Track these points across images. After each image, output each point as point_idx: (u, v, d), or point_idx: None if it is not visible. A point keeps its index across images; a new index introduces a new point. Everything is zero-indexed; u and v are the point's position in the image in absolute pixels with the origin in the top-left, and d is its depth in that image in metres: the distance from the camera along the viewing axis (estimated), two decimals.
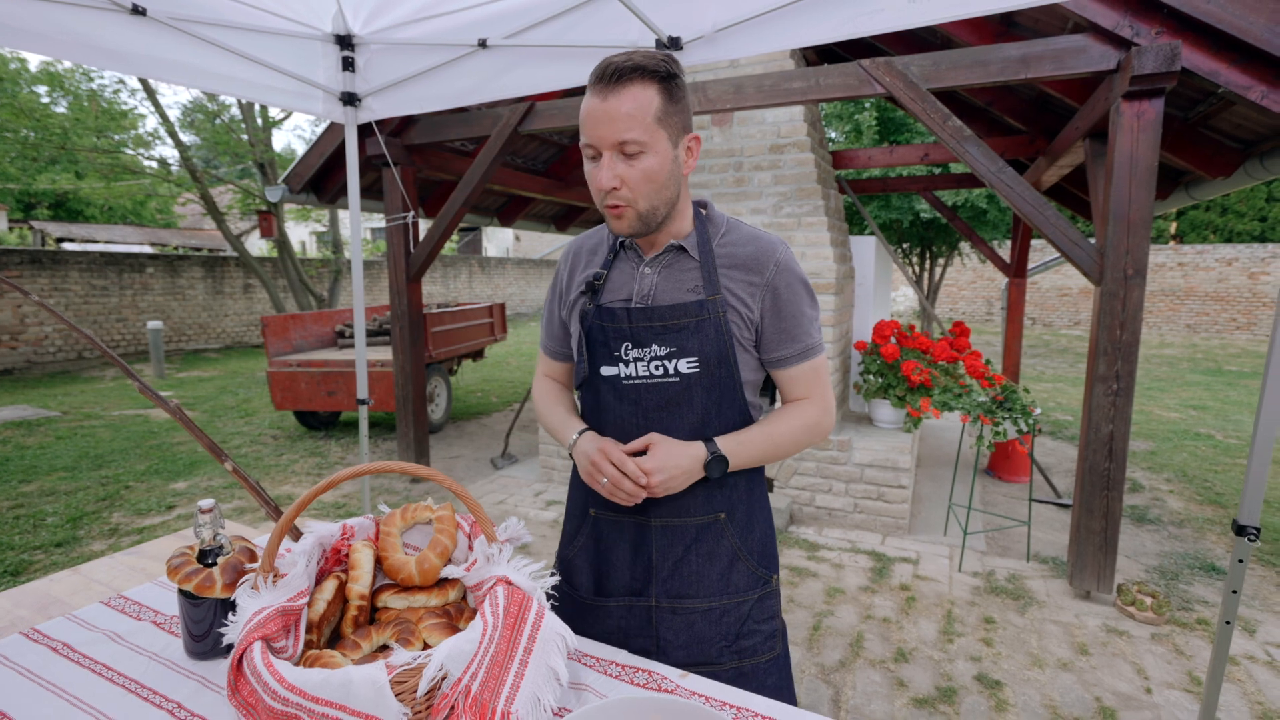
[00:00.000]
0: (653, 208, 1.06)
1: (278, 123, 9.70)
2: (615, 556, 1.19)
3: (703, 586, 1.17)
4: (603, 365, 1.15)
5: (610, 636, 1.18)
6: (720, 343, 1.10)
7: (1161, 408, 7.20)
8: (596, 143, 1.01)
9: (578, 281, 1.21)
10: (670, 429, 1.13)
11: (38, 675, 1.07)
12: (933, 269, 10.28)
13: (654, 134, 1.00)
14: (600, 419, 1.18)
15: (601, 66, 1.00)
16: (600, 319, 1.14)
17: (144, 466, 4.85)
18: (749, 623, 1.19)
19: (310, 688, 0.72)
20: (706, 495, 1.15)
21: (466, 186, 4.09)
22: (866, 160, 5.57)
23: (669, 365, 1.11)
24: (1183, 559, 3.41)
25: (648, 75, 0.99)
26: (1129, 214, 2.72)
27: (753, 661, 1.19)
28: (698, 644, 1.17)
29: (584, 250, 1.24)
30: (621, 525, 1.19)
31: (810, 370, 1.16)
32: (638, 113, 0.99)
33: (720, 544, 1.17)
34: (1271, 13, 2.33)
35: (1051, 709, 2.25)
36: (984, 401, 3.32)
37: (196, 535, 1.14)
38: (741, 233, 1.16)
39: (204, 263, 11.78)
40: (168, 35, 2.14)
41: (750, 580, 1.20)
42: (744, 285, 1.11)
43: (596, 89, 1.01)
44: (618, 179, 1.01)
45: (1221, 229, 15.67)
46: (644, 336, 1.11)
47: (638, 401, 1.13)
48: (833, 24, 1.81)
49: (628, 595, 1.19)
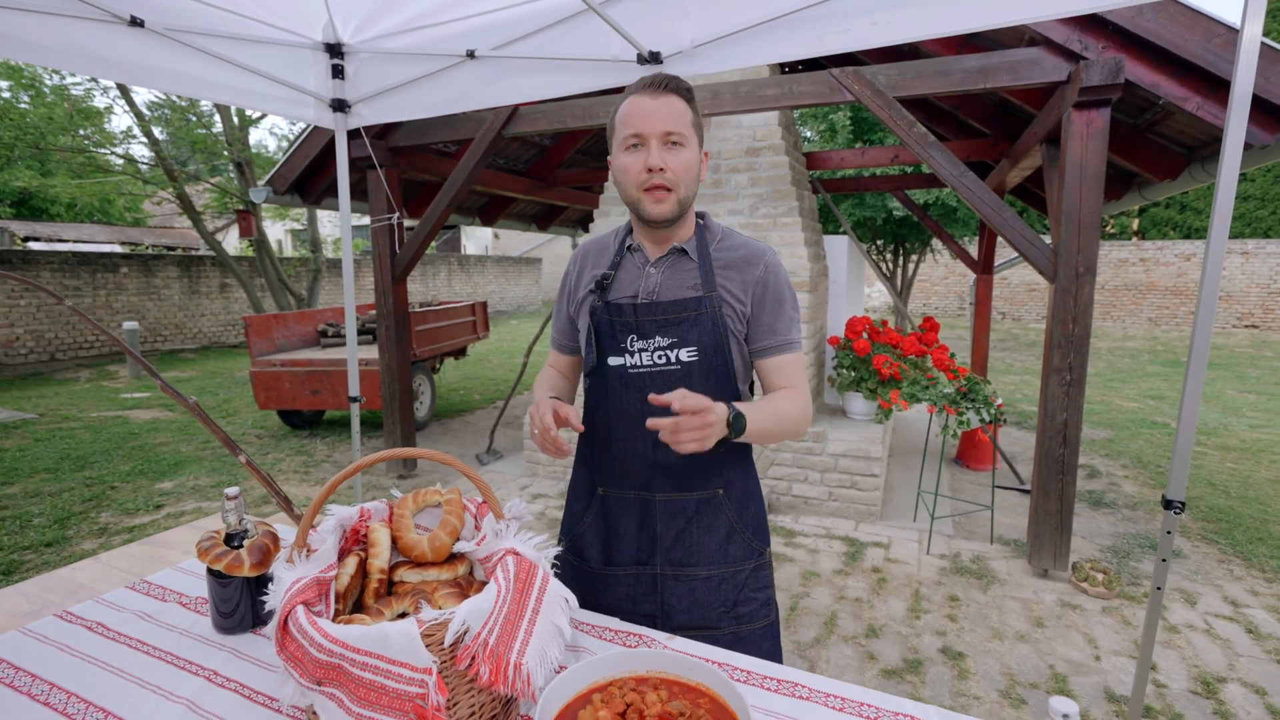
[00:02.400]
0: (688, 196, 1.21)
1: (254, 121, 9.64)
2: (622, 529, 1.32)
3: (703, 556, 1.29)
4: (610, 356, 1.27)
5: (619, 603, 1.31)
6: (716, 334, 1.23)
7: (1122, 398, 7.51)
8: (645, 131, 1.16)
9: (586, 280, 1.34)
10: (671, 413, 1.26)
11: (78, 650, 1.16)
12: (905, 265, 10.54)
13: (690, 134, 1.19)
14: (608, 404, 1.30)
15: (648, 78, 1.19)
16: (609, 314, 1.27)
17: (128, 467, 4.86)
18: (745, 590, 1.32)
19: (352, 640, 0.84)
20: (706, 473, 1.28)
21: (451, 188, 4.17)
22: (839, 161, 5.75)
23: (671, 354, 1.24)
24: (1134, 539, 3.63)
25: (683, 93, 1.20)
26: (1079, 216, 2.90)
27: (749, 627, 1.32)
28: (699, 609, 1.30)
29: (592, 252, 1.37)
30: (628, 501, 1.31)
31: (791, 362, 1.28)
32: (681, 115, 1.18)
33: (718, 517, 1.30)
34: (1204, 31, 2.52)
35: (1009, 676, 2.43)
36: (949, 393, 3.50)
37: (224, 520, 1.25)
38: (735, 239, 1.31)
39: (179, 262, 11.64)
40: (165, 46, 2.21)
41: (745, 551, 1.33)
42: (737, 283, 1.25)
43: (646, 91, 1.18)
44: (664, 162, 1.16)
45: (1181, 225, 16.23)
46: (648, 329, 1.24)
47: (642, 388, 1.25)
48: (803, 41, 1.95)
49: (634, 564, 1.31)
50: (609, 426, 1.31)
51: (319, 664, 0.85)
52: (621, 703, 0.94)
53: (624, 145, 1.19)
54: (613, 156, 1.25)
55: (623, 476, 1.31)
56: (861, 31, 1.87)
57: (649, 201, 1.19)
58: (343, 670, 0.84)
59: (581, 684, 0.98)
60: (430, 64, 2.58)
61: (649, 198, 1.18)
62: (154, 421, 6.37)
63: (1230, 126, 1.51)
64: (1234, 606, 2.92)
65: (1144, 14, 2.61)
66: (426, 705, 0.84)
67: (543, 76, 2.41)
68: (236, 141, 9.14)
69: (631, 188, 1.20)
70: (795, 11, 1.89)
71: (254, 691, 1.06)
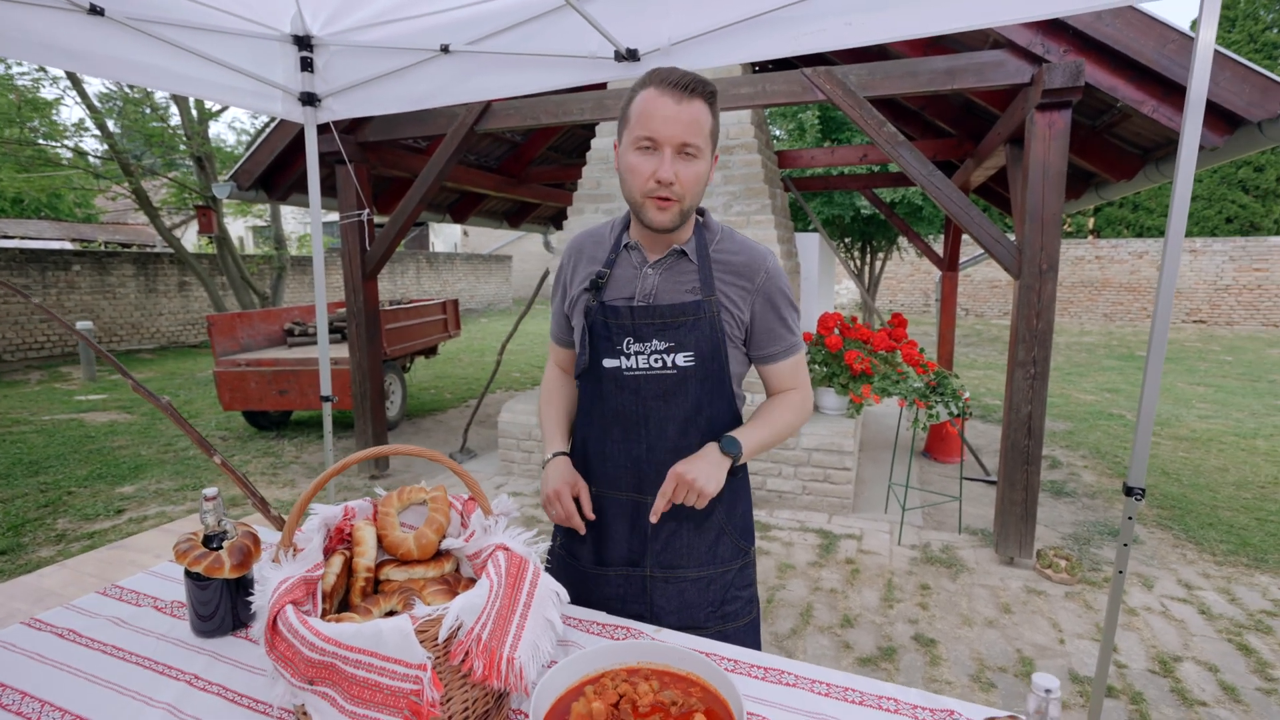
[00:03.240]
0: (691, 208, 1.18)
1: (214, 114, 9.35)
2: (614, 530, 1.31)
3: (692, 558, 1.30)
4: (605, 358, 1.25)
5: (609, 603, 1.31)
6: (714, 339, 1.22)
7: (1080, 391, 7.77)
8: (662, 139, 1.10)
9: (581, 276, 1.31)
10: (666, 416, 1.26)
11: (50, 658, 1.13)
12: (873, 263, 10.73)
13: (706, 145, 1.15)
14: (602, 406, 1.29)
15: (675, 75, 1.11)
16: (604, 315, 1.24)
17: (85, 472, 4.69)
18: (731, 589, 1.33)
19: (345, 638, 0.83)
20: None
21: (423, 184, 4.12)
22: (809, 160, 5.82)
23: (667, 359, 1.22)
24: (1094, 526, 3.77)
25: (708, 97, 1.14)
26: (1042, 214, 3.00)
27: (734, 625, 1.33)
28: (687, 609, 1.30)
29: (585, 247, 1.33)
30: (620, 503, 1.31)
31: (793, 364, 1.30)
32: (701, 123, 1.12)
33: (709, 520, 1.30)
34: (1159, 37, 2.63)
35: (979, 661, 2.50)
36: (919, 387, 3.59)
37: (201, 521, 1.22)
38: (735, 241, 1.28)
39: (135, 259, 11.25)
40: (127, 36, 2.14)
41: (733, 552, 1.34)
42: (736, 290, 1.24)
43: (669, 92, 1.10)
44: (675, 175, 1.12)
45: (1134, 224, 16.82)
46: (645, 332, 1.22)
47: (637, 391, 1.25)
48: (780, 40, 1.97)
49: (625, 565, 1.31)
50: (603, 428, 1.30)
51: (311, 663, 0.84)
52: (614, 694, 0.95)
53: (636, 144, 1.13)
54: (620, 147, 1.20)
55: (616, 478, 1.31)
56: (837, 32, 1.90)
57: (652, 208, 1.15)
58: (335, 669, 0.84)
59: (573, 677, 0.99)
60: (403, 58, 2.54)
61: (653, 204, 1.15)
62: (111, 424, 6.16)
63: (1187, 128, 1.57)
64: (1188, 589, 3.05)
65: (1103, 19, 2.70)
66: (421, 701, 0.83)
67: (519, 72, 2.40)
68: (196, 135, 8.86)
69: (636, 191, 1.16)
70: (772, 11, 1.92)
71: (237, 694, 1.04)
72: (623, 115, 1.19)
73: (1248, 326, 14.21)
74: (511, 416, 4.73)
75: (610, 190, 4.55)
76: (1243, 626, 2.74)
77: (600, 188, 4.57)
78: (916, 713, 1.00)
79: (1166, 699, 2.29)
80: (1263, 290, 14.12)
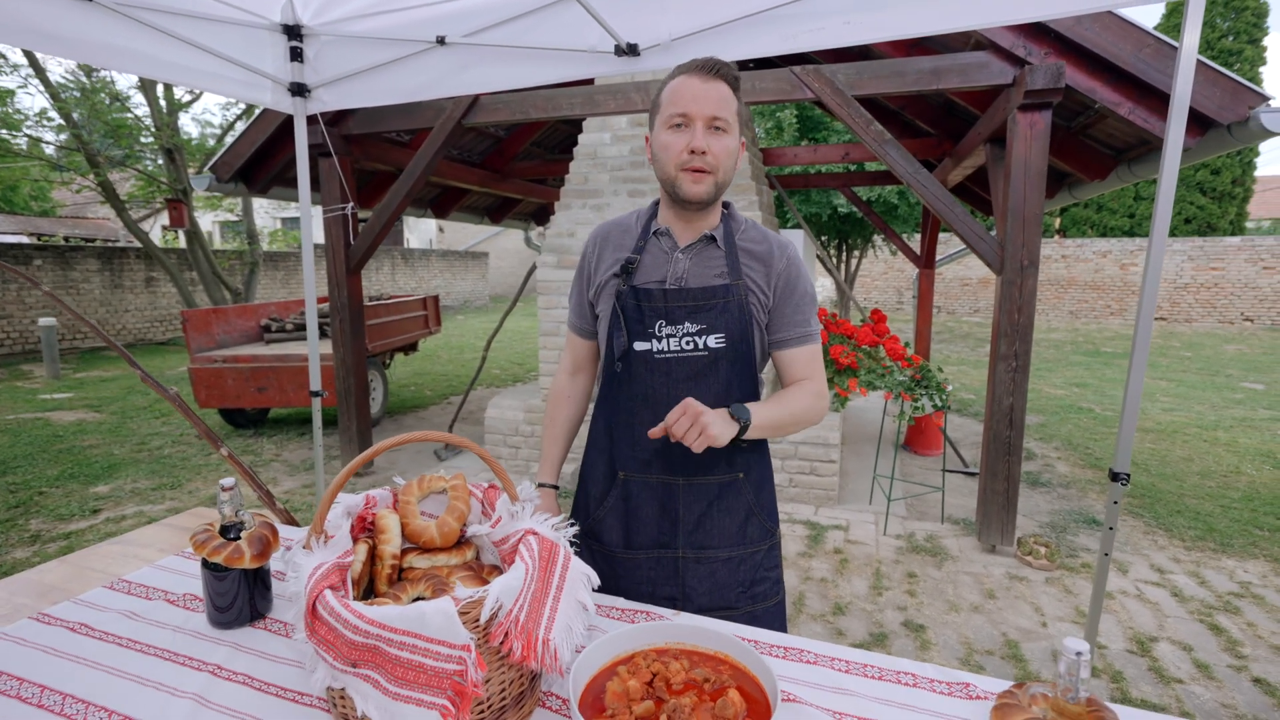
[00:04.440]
0: (725, 181, 1.23)
1: (185, 105, 9.11)
2: (644, 513, 1.32)
3: (723, 538, 1.32)
4: (636, 341, 1.28)
5: (639, 586, 1.33)
6: (743, 321, 1.26)
7: (1050, 385, 7.99)
8: (693, 113, 1.17)
9: (608, 263, 1.33)
10: (697, 397, 1.26)
11: (65, 652, 1.11)
12: (849, 261, 10.89)
13: (733, 121, 1.21)
14: (631, 388, 1.30)
15: (701, 60, 1.20)
16: (636, 298, 1.27)
17: (56, 472, 4.56)
18: (760, 570, 1.36)
19: (389, 620, 0.84)
20: (728, 458, 1.30)
21: (409, 178, 4.08)
22: (792, 158, 5.89)
23: (699, 340, 1.25)
24: (1069, 514, 3.89)
25: (731, 80, 1.21)
26: (1024, 211, 3.09)
27: (763, 605, 1.36)
28: (718, 590, 1.32)
29: (612, 236, 1.36)
30: (650, 485, 1.32)
31: (809, 353, 1.31)
32: (728, 101, 1.19)
33: (738, 500, 1.32)
34: (1136, 41, 2.72)
35: (967, 645, 2.57)
36: (904, 380, 3.67)
37: (220, 512, 1.21)
38: (758, 230, 1.34)
39: (100, 254, 10.91)
40: (114, 21, 2.09)
41: (761, 533, 1.36)
42: (760, 273, 1.28)
43: (696, 74, 1.19)
44: (707, 146, 1.17)
45: (1097, 224, 17.31)
46: (678, 315, 1.26)
47: (668, 373, 1.27)
48: (778, 38, 2.01)
49: (656, 548, 1.32)
50: (631, 410, 1.31)
51: (354, 645, 0.85)
52: (648, 672, 0.97)
53: (668, 123, 1.20)
54: (653, 134, 1.26)
55: (645, 461, 1.31)
56: (835, 30, 1.94)
57: (687, 180, 1.20)
58: (379, 651, 0.84)
59: (606, 657, 1.01)
60: (397, 49, 2.52)
61: (687, 177, 1.20)
62: (79, 423, 5.99)
63: (1171, 127, 1.64)
64: (1160, 573, 3.18)
65: (1083, 23, 2.79)
66: (465, 682, 0.84)
67: (516, 65, 2.39)
68: (166, 127, 8.62)
69: (670, 166, 1.20)
70: (773, 8, 1.95)
71: (265, 683, 1.04)
72: (654, 105, 1.26)
73: (1205, 324, 14.74)
74: (498, 413, 4.71)
75: (597, 186, 4.55)
76: (1213, 607, 2.86)
77: (588, 183, 4.58)
78: (934, 685, 1.04)
79: (1145, 677, 2.39)
80: (1219, 289, 14.66)
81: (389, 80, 2.61)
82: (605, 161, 4.52)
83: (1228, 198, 15.70)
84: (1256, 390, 7.72)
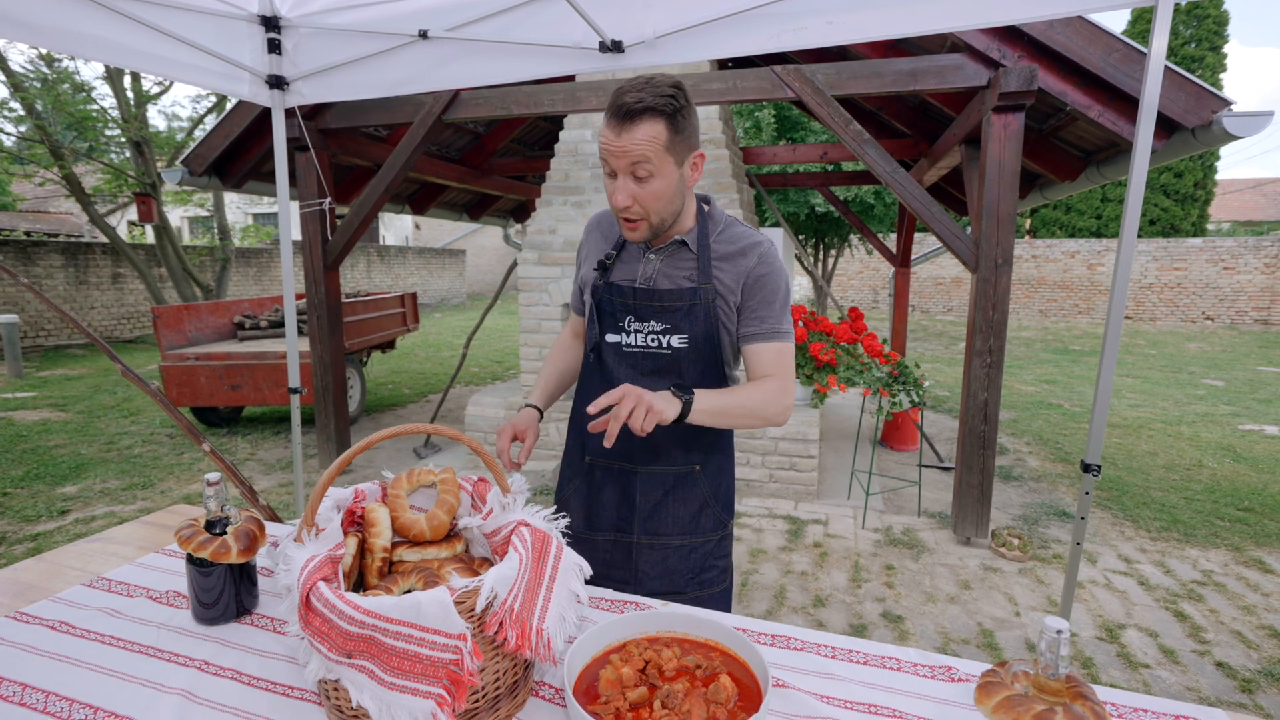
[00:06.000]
0: (662, 220, 1.23)
1: (154, 97, 8.89)
2: (605, 498, 1.39)
3: (676, 526, 1.37)
4: (608, 333, 1.34)
5: (596, 567, 1.36)
6: (708, 324, 1.28)
7: (1020, 383, 8.17)
8: (613, 167, 1.17)
9: (593, 254, 1.40)
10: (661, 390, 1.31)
11: (45, 650, 1.09)
12: (825, 260, 11.01)
13: (662, 160, 1.15)
14: (603, 376, 1.36)
15: (618, 102, 1.12)
16: (609, 294, 1.33)
17: (20, 472, 4.43)
18: (710, 558, 1.41)
19: (385, 610, 0.84)
20: (686, 448, 1.35)
21: (388, 173, 4.04)
22: (771, 157, 5.94)
23: (663, 339, 1.30)
24: (1041, 507, 3.99)
25: (657, 114, 1.11)
26: (998, 211, 3.16)
27: (710, 591, 1.42)
28: (669, 575, 1.38)
29: (602, 226, 1.43)
30: (613, 471, 1.38)
31: (775, 350, 1.28)
32: (648, 144, 1.12)
33: (693, 491, 1.37)
34: (1105, 46, 2.80)
35: (944, 635, 2.63)
36: (881, 376, 3.73)
37: (205, 507, 1.20)
38: (736, 230, 1.32)
39: (63, 249, 10.60)
40: (86, 8, 2.05)
41: (714, 523, 1.41)
42: (731, 274, 1.29)
43: (611, 122, 1.14)
44: (631, 198, 1.17)
45: (1066, 225, 17.72)
46: (645, 313, 1.30)
47: (635, 365, 1.33)
48: (762, 37, 2.03)
49: (613, 531, 1.38)
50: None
51: (349, 636, 0.85)
52: (640, 660, 0.98)
53: (603, 169, 1.21)
54: None
55: (609, 448, 1.35)
56: (818, 30, 1.97)
57: (625, 228, 1.24)
58: (375, 641, 0.84)
59: (599, 646, 1.02)
60: (379, 42, 2.49)
61: (624, 225, 1.23)
62: (44, 423, 5.82)
63: (1140, 130, 1.70)
64: (1127, 563, 3.27)
65: (1055, 27, 2.86)
66: (461, 671, 0.85)
67: (500, 61, 2.38)
68: (134, 119, 8.40)
69: (612, 209, 1.24)
70: (756, 7, 1.97)
71: (253, 677, 1.04)
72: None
73: (1168, 322, 15.18)
74: (479, 410, 4.69)
75: (578, 183, 4.55)
76: (1177, 595, 2.96)
77: (569, 180, 4.57)
78: (918, 669, 1.07)
79: (1114, 663, 2.46)
80: (1182, 288, 15.09)
81: (370, 74, 2.58)
82: (587, 158, 4.52)
83: (1190, 200, 16.18)
84: (1217, 386, 7.98)
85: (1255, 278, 14.48)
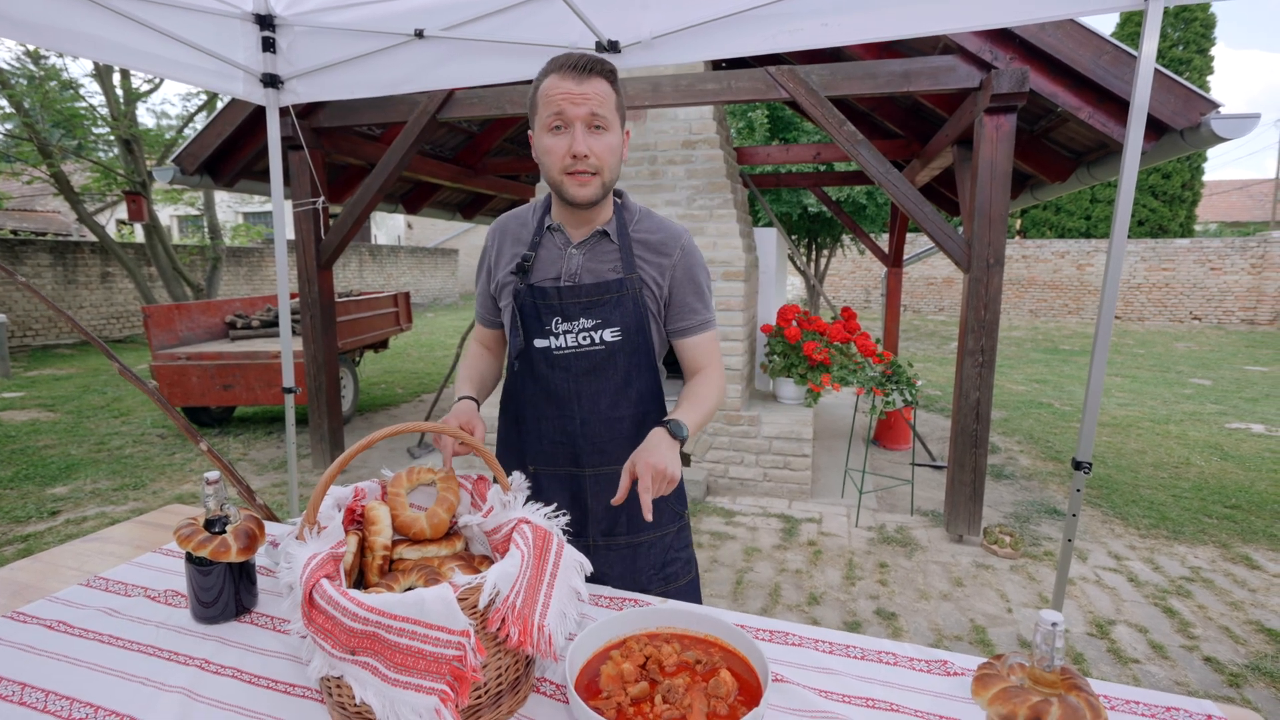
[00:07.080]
0: (611, 179, 1.23)
1: (143, 95, 8.82)
2: (555, 503, 1.34)
3: (631, 525, 1.37)
4: (535, 339, 1.30)
5: None
6: (638, 314, 1.28)
7: (1011, 382, 8.23)
8: (569, 114, 1.15)
9: (507, 259, 1.34)
10: (597, 390, 1.31)
11: (44, 650, 1.09)
12: (818, 259, 11.06)
13: (613, 117, 1.20)
14: (535, 385, 1.34)
15: (574, 58, 1.17)
16: (532, 297, 1.28)
17: (9, 473, 4.39)
18: (671, 551, 1.42)
19: (389, 607, 0.84)
20: (632, 445, 1.29)
21: (382, 172, 4.03)
22: (765, 157, 5.97)
23: (595, 335, 1.28)
24: (1032, 505, 4.03)
25: (606, 74, 1.19)
26: (990, 211, 3.18)
27: (675, 585, 1.42)
28: (631, 574, 1.38)
29: (510, 229, 1.36)
30: (559, 477, 1.36)
31: (710, 340, 1.34)
32: (605, 98, 1.18)
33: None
34: (1095, 48, 2.83)
35: (937, 631, 2.66)
36: (875, 375, 3.75)
37: (204, 506, 1.20)
38: (652, 220, 1.34)
39: (51, 248, 10.50)
40: (81, 6, 2.03)
41: (670, 516, 1.42)
42: (654, 266, 1.30)
43: (567, 74, 1.16)
44: (589, 148, 1.16)
45: (1055, 226, 17.85)
46: (572, 311, 1.28)
47: (567, 369, 1.30)
48: (758, 39, 2.05)
49: (568, 537, 1.34)
50: (536, 405, 1.35)
51: (353, 633, 0.85)
52: (641, 655, 0.99)
53: (547, 125, 1.18)
54: (535, 134, 1.23)
55: (552, 454, 1.35)
56: (813, 32, 1.98)
57: (572, 184, 1.19)
58: (378, 638, 0.85)
59: (599, 642, 1.03)
60: (374, 42, 2.49)
61: (572, 181, 1.19)
62: (33, 423, 5.77)
63: (1131, 131, 1.72)
64: (1117, 560, 3.31)
65: (1046, 30, 2.89)
66: (464, 667, 0.86)
67: (495, 61, 2.39)
68: (123, 117, 8.33)
69: (554, 170, 1.19)
70: (752, 9, 1.98)
71: (254, 675, 1.04)
72: (531, 104, 1.23)
73: (1156, 322, 15.32)
74: None
75: None
76: (1166, 592, 2.99)
77: None
78: (914, 664, 1.08)
79: (1104, 658, 2.49)
80: (1169, 288, 15.24)
81: (365, 73, 2.58)
82: None
83: (1178, 201, 16.34)
84: (1204, 386, 8.07)
85: (1241, 278, 14.65)
